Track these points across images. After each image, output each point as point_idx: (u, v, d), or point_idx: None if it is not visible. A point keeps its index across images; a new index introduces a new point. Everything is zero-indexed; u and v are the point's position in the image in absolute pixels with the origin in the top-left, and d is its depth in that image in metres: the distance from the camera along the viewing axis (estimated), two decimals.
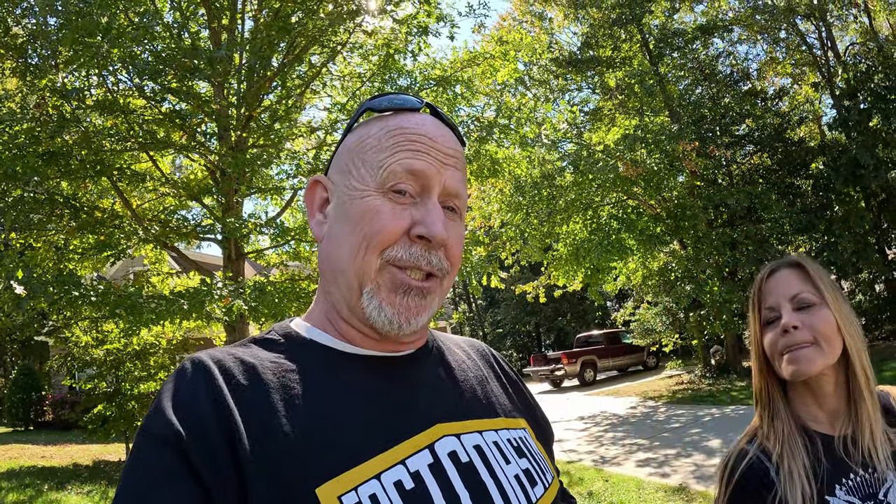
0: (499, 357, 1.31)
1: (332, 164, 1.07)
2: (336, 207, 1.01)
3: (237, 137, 9.12)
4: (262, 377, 0.91)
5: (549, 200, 15.82)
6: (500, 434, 1.05)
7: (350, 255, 0.96)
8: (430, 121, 1.03)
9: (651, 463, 9.24)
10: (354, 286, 0.97)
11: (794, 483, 1.40)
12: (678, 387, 18.10)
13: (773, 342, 1.53)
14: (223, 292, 7.73)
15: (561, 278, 18.20)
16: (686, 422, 12.26)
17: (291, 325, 1.05)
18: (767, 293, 1.58)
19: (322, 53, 10.31)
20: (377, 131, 1.00)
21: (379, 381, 0.98)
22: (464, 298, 48.39)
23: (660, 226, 16.45)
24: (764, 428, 1.57)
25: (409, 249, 0.95)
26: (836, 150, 18.81)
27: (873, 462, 1.44)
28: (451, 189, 1.00)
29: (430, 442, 0.94)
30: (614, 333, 26.38)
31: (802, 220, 17.38)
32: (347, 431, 0.88)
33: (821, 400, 1.54)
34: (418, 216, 0.96)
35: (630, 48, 18.70)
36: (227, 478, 0.80)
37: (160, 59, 8.01)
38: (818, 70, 22.15)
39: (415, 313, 0.97)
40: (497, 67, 12.00)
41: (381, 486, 0.85)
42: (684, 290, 16.11)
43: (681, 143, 15.32)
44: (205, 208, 10.26)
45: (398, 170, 0.96)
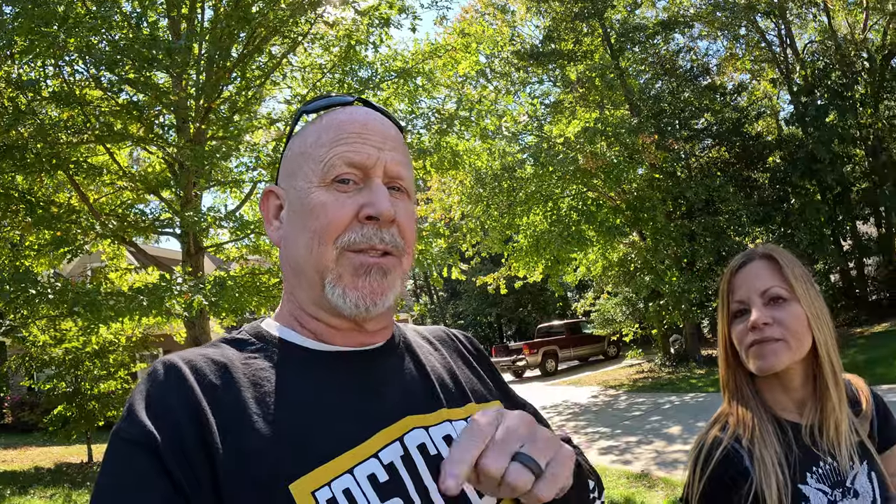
0: (465, 339, 1.33)
1: (280, 171, 1.10)
2: (288, 210, 1.04)
3: (196, 129, 9.01)
4: (234, 376, 0.92)
5: (509, 192, 15.89)
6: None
7: (305, 252, 0.99)
8: (363, 111, 1.06)
9: (613, 450, 9.35)
10: (316, 280, 0.99)
11: (769, 472, 1.42)
12: (638, 375, 18.32)
13: (741, 336, 1.54)
14: (183, 288, 7.62)
15: (521, 269, 18.27)
16: (647, 409, 12.43)
17: (262, 325, 1.06)
18: (738, 285, 1.58)
19: (283, 44, 10.20)
20: (314, 130, 1.04)
21: (349, 376, 0.99)
22: (425, 290, 48.20)
23: (619, 217, 16.60)
24: (735, 416, 1.56)
25: (361, 231, 0.97)
26: (792, 144, 19.13)
27: (837, 451, 1.46)
28: (393, 171, 1.03)
29: (400, 434, 0.95)
30: (575, 324, 26.63)
31: (759, 212, 17.67)
32: (319, 427, 0.90)
33: (789, 390, 1.55)
34: (364, 200, 0.98)
35: (592, 42, 18.73)
36: (202, 479, 0.80)
37: (118, 49, 7.82)
38: (777, 66, 22.47)
39: (379, 293, 0.99)
40: (458, 59, 11.96)
41: (354, 480, 0.87)
42: (643, 281, 16.27)
43: (640, 136, 15.45)
44: (163, 202, 10.09)
45: (337, 162, 0.99)
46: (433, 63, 11.50)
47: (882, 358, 11.64)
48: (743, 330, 1.52)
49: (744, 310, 1.54)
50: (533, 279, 19.15)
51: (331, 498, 0.83)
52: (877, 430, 1.59)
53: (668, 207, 16.95)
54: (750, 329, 1.49)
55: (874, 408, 1.62)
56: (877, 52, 20.63)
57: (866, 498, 1.44)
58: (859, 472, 1.47)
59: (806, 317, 1.49)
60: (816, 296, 1.54)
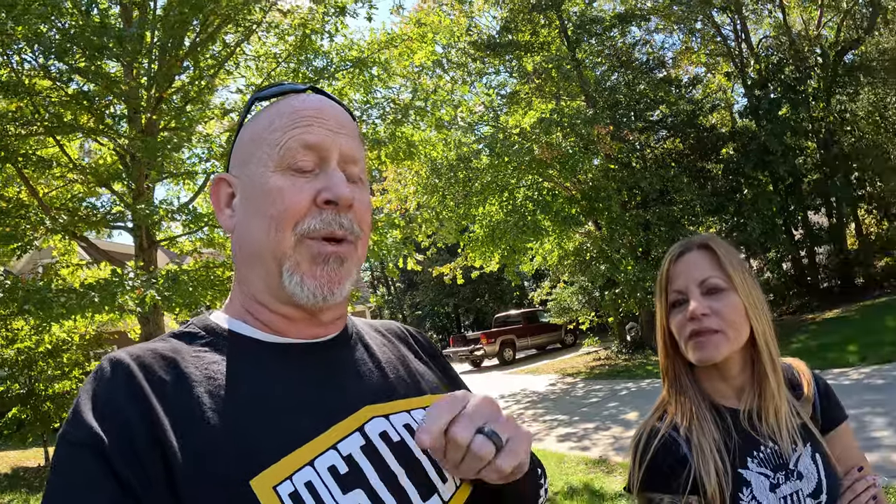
0: (416, 334, 1.34)
1: (231, 160, 1.09)
2: (242, 198, 1.04)
3: (147, 120, 8.82)
4: (185, 371, 0.91)
5: (465, 183, 15.91)
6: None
7: (262, 238, 0.98)
8: (317, 97, 1.08)
9: (571, 437, 9.41)
10: (273, 267, 0.99)
11: (707, 458, 1.43)
12: (595, 363, 18.46)
13: (680, 326, 1.55)
14: (135, 283, 7.46)
15: (477, 259, 18.32)
16: (604, 396, 12.53)
17: (210, 317, 1.05)
18: (676, 275, 1.58)
19: (237, 33, 10.03)
20: (268, 115, 1.04)
21: (303, 367, 1.00)
22: (382, 282, 47.91)
23: (575, 207, 16.67)
24: (673, 405, 1.58)
25: (320, 217, 0.98)
26: (746, 136, 19.29)
27: (777, 435, 1.48)
28: (348, 155, 1.04)
29: (359, 424, 0.96)
30: (532, 313, 26.73)
31: (713, 202, 17.87)
32: (276, 421, 0.89)
33: (727, 378, 1.57)
34: (321, 185, 0.99)
35: (549, 34, 18.74)
36: (155, 480, 0.79)
37: (68, 37, 7.57)
38: (731, 60, 22.63)
39: (336, 282, 1.00)
40: (415, 49, 11.91)
41: (315, 472, 0.87)
42: (599, 270, 16.38)
43: (596, 127, 15.49)
44: (114, 195, 9.87)
45: (293, 145, 0.99)
46: (389, 53, 11.42)
47: (833, 343, 11.89)
48: (682, 320, 1.54)
49: (682, 300, 1.56)
50: (489, 269, 19.20)
51: (293, 492, 0.84)
52: (819, 412, 1.62)
53: (623, 197, 17.06)
54: (688, 319, 1.51)
55: (816, 390, 1.64)
56: (830, 48, 20.96)
57: (811, 479, 1.47)
58: (802, 454, 1.49)
59: (743, 306, 1.52)
60: (754, 285, 1.57)
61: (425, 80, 13.39)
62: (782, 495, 1.45)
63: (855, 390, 8.25)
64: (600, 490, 6.59)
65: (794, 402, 1.58)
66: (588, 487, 6.75)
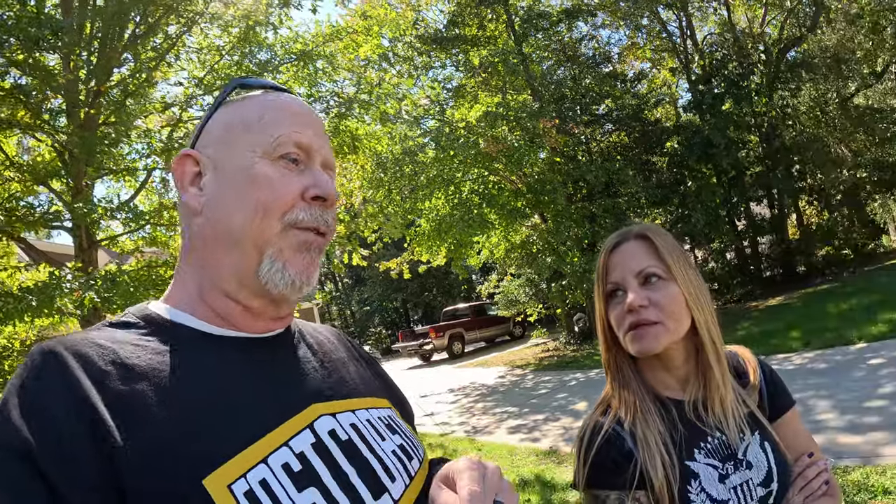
0: (352, 341, 1.33)
1: (202, 137, 1.06)
2: (218, 179, 1.01)
3: (86, 115, 8.48)
4: (127, 363, 0.86)
5: (411, 177, 15.81)
6: (370, 412, 1.06)
7: (245, 223, 0.97)
8: (304, 103, 1.10)
9: (522, 429, 9.38)
10: (251, 253, 0.97)
11: (652, 452, 1.39)
12: (544, 354, 18.51)
13: (619, 318, 1.50)
14: (73, 285, 7.18)
15: (424, 254, 18.25)
16: (553, 387, 12.52)
17: (149, 307, 1.01)
18: (612, 266, 1.54)
19: (178, 23, 9.73)
20: (258, 105, 1.05)
21: (251, 362, 0.97)
22: (329, 277, 47.77)
23: (521, 200, 16.68)
24: (616, 399, 1.53)
25: (308, 211, 1.00)
26: (690, 130, 19.59)
27: (724, 425, 1.45)
28: (329, 161, 1.08)
29: (308, 422, 0.93)
30: (480, 306, 26.87)
31: (658, 194, 18.18)
32: (227, 416, 0.86)
33: (671, 369, 1.54)
34: (308, 181, 1.01)
35: (496, 28, 18.82)
36: (93, 485, 0.74)
37: (5, 28, 7.20)
38: (677, 56, 23.04)
39: (312, 270, 1.02)
40: (360, 43, 11.85)
41: (269, 470, 0.83)
42: (546, 262, 16.39)
43: (541, 120, 15.51)
44: (53, 193, 9.47)
45: (286, 140, 1.00)
46: (334, 46, 11.30)
47: (777, 330, 12.03)
48: (620, 312, 1.50)
49: (619, 291, 1.51)
50: (436, 263, 19.15)
51: (248, 490, 0.79)
52: (767, 400, 1.59)
53: (568, 190, 17.14)
54: (627, 312, 1.47)
55: (762, 378, 1.61)
56: (773, 45, 21.48)
57: (761, 468, 1.44)
58: (751, 443, 1.47)
59: (683, 296, 1.47)
60: (694, 274, 1.52)
61: (370, 73, 13.27)
62: (732, 486, 1.41)
63: (799, 375, 8.36)
64: (551, 481, 6.57)
65: (740, 390, 1.55)
66: (539, 478, 6.72)
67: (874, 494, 4.36)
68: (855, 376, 7.57)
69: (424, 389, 16.35)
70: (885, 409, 6.08)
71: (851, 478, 4.72)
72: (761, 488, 1.43)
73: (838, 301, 13.24)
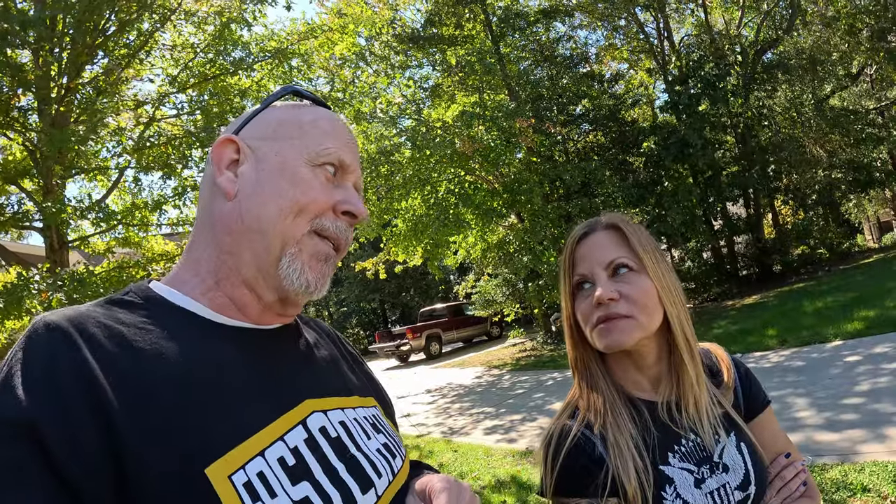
0: (342, 338, 1.35)
1: (248, 128, 1.08)
2: (258, 169, 1.02)
3: (56, 112, 8.29)
4: (134, 346, 0.85)
5: (387, 177, 15.76)
6: (357, 411, 1.08)
7: (276, 217, 0.99)
8: (345, 119, 1.12)
9: (498, 430, 9.33)
10: (275, 248, 0.99)
11: (625, 456, 1.30)
12: (521, 354, 18.53)
13: (586, 312, 1.41)
14: (41, 286, 7.02)
15: (401, 254, 18.18)
16: (530, 387, 12.51)
17: (152, 287, 1.00)
18: (580, 258, 1.43)
19: (151, 20, 9.59)
20: (312, 113, 1.10)
21: (254, 353, 0.98)
22: None
23: (497, 200, 16.61)
24: (585, 400, 1.45)
25: (335, 223, 1.04)
26: (666, 130, 19.76)
27: (698, 426, 1.38)
28: (360, 185, 1.13)
29: (302, 418, 0.94)
30: (457, 306, 26.85)
31: (634, 193, 18.25)
32: (228, 407, 0.86)
33: (642, 368, 1.45)
34: (341, 196, 1.05)
35: (473, 27, 18.82)
36: (97, 467, 0.72)
37: None
38: (654, 57, 23.21)
39: (323, 280, 1.05)
40: (335, 41, 11.81)
41: (266, 463, 0.84)
42: (522, 262, 16.36)
43: (518, 120, 15.47)
44: (24, 193, 9.31)
45: (334, 154, 1.05)
46: (309, 44, 11.23)
47: (753, 328, 12.12)
48: (587, 306, 1.40)
49: (587, 284, 1.42)
50: (413, 263, 19.10)
51: (247, 482, 0.80)
52: (742, 399, 1.52)
53: (545, 190, 17.14)
54: (595, 305, 1.37)
55: (736, 376, 1.54)
56: (749, 46, 21.77)
57: (737, 471, 1.37)
58: (726, 445, 1.40)
59: (655, 289, 1.38)
60: (666, 267, 1.43)
61: (343, 72, 13.18)
62: (708, 490, 1.33)
63: (776, 372, 8.38)
64: (528, 482, 6.50)
65: (713, 390, 1.48)
66: (515, 480, 6.66)
67: (853, 492, 4.32)
68: (831, 374, 7.58)
69: (401, 390, 16.29)
70: (861, 407, 6.07)
71: (830, 475, 4.69)
72: (739, 492, 1.36)
73: (814, 299, 13.34)
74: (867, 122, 21.52)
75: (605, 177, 17.41)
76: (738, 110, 20.57)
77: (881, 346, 8.15)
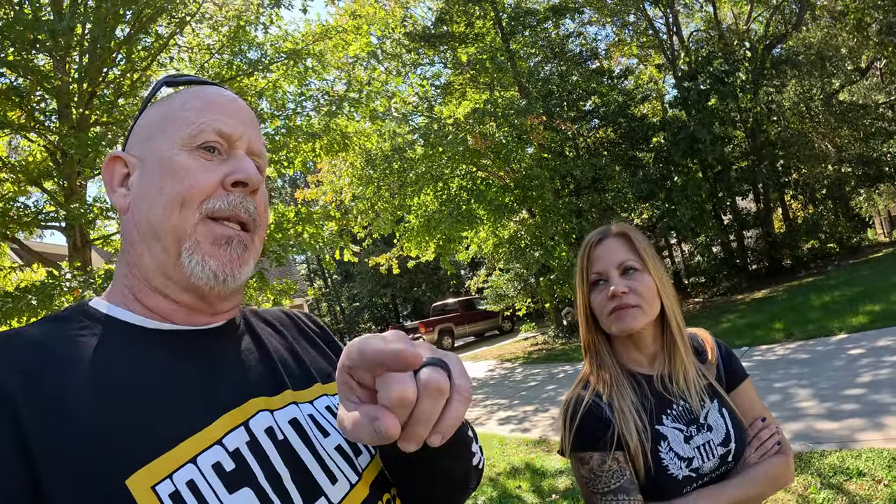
0: (306, 317, 1.30)
1: (130, 139, 1.05)
2: (141, 175, 0.99)
3: (79, 115, 8.37)
4: (54, 357, 0.83)
5: (400, 173, 15.81)
6: (315, 404, 1.04)
7: (163, 216, 0.94)
8: (229, 92, 1.08)
9: (512, 420, 9.43)
10: (171, 247, 0.95)
11: (627, 418, 1.62)
12: (533, 347, 18.54)
13: (601, 303, 1.73)
14: (72, 284, 7.00)
15: (413, 249, 18.25)
16: (542, 379, 12.55)
17: (88, 303, 0.98)
18: (595, 259, 1.76)
19: (170, 24, 9.69)
20: (181, 97, 1.03)
21: (187, 356, 0.94)
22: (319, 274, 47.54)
23: (508, 196, 16.67)
24: (594, 375, 1.76)
25: (226, 199, 0.97)
26: (675, 126, 19.67)
27: (687, 394, 1.69)
28: (256, 149, 1.05)
29: (245, 419, 0.90)
30: (469, 300, 26.77)
31: (644, 189, 18.23)
32: (155, 413, 0.82)
33: (642, 348, 1.77)
34: (229, 168, 0.98)
35: (483, 25, 18.81)
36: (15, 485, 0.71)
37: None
38: (663, 53, 23.07)
39: (238, 265, 0.98)
40: (349, 41, 11.86)
41: (198, 470, 0.80)
42: (534, 257, 16.42)
43: (529, 116, 15.54)
44: (46, 193, 9.29)
45: (206, 129, 0.98)
46: (324, 45, 11.27)
47: (761, 322, 12.14)
48: (603, 298, 1.72)
49: (602, 280, 1.74)
50: (425, 258, 19.09)
51: (174, 492, 0.77)
52: (724, 373, 1.82)
53: (556, 185, 17.14)
54: (610, 297, 1.70)
55: (719, 355, 1.86)
56: (758, 41, 21.62)
57: (720, 430, 1.68)
58: (711, 409, 1.70)
59: (655, 285, 1.72)
60: (664, 268, 1.79)
61: (359, 71, 13.28)
62: (696, 445, 1.65)
63: (781, 365, 8.47)
64: (541, 468, 6.69)
65: (699, 365, 1.80)
66: (529, 466, 6.85)
67: (849, 476, 4.53)
68: (835, 366, 7.71)
69: None
70: (862, 398, 6.23)
71: (828, 461, 4.89)
72: (721, 447, 1.67)
73: (822, 293, 13.39)
74: (876, 116, 21.52)
75: (615, 172, 17.53)
76: (747, 105, 20.53)
77: (884, 339, 8.25)
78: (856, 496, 4.26)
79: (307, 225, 9.54)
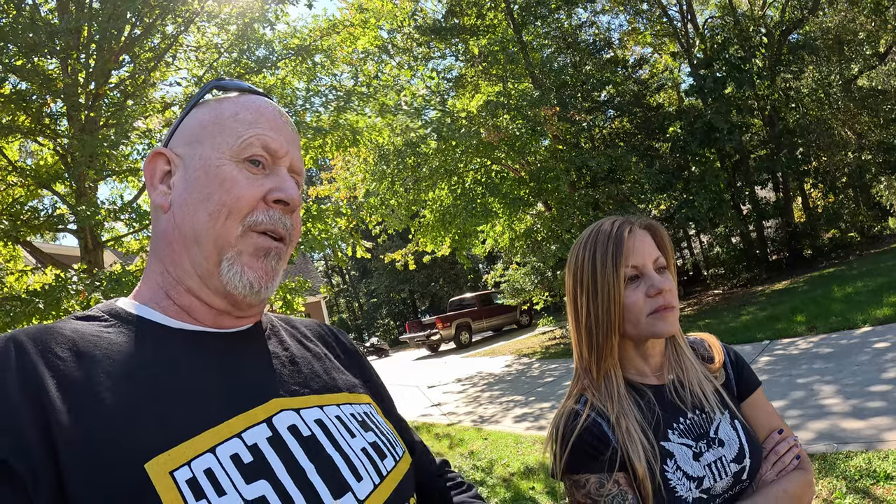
0: (338, 334, 1.34)
1: (175, 136, 1.07)
2: (186, 177, 1.02)
3: (86, 117, 8.42)
4: (83, 350, 0.86)
5: (413, 168, 15.78)
6: (342, 408, 1.06)
7: (208, 223, 0.98)
8: (277, 107, 1.11)
9: (528, 418, 9.35)
10: (211, 254, 0.98)
11: (633, 439, 1.43)
12: (551, 342, 18.53)
13: (638, 301, 1.51)
14: (79, 286, 7.10)
15: (429, 244, 18.23)
16: (559, 375, 12.46)
17: (117, 303, 1.02)
18: (632, 250, 1.54)
19: (175, 23, 9.63)
20: (232, 106, 1.06)
21: (210, 355, 0.97)
22: (336, 271, 47.97)
23: (524, 189, 16.61)
24: (594, 387, 1.56)
25: (267, 213, 1.01)
26: (692, 114, 19.61)
27: (702, 403, 1.52)
28: (297, 167, 1.09)
29: (267, 416, 0.93)
30: (486, 295, 26.82)
31: (661, 179, 18.05)
32: (177, 404, 0.85)
33: (648, 357, 1.59)
34: (272, 184, 1.02)
35: (494, 16, 18.72)
36: (41, 463, 0.74)
37: (3, 34, 7.18)
38: (678, 41, 22.92)
39: (271, 277, 1.03)
40: (358, 35, 11.83)
41: (216, 459, 0.82)
42: (550, 250, 16.31)
43: (542, 108, 15.43)
44: (56, 196, 9.40)
45: (255, 142, 1.02)
46: (331, 40, 11.25)
47: (782, 314, 11.99)
48: (641, 296, 1.51)
49: (638, 276, 1.53)
50: (441, 253, 19.08)
51: (191, 478, 0.79)
52: (734, 382, 1.66)
53: (571, 177, 17.01)
54: (652, 295, 1.50)
55: (728, 361, 1.69)
56: (775, 27, 21.47)
57: (733, 445, 1.50)
58: (721, 421, 1.53)
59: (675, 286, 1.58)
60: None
61: (366, 66, 13.20)
62: (706, 463, 1.46)
63: (803, 359, 8.29)
64: None
65: (707, 373, 1.63)
66: (544, 466, 6.69)
67: (876, 480, 4.36)
68: (859, 360, 7.52)
69: (432, 380, 16.37)
70: (889, 394, 6.06)
71: (854, 463, 4.72)
72: (734, 464, 1.48)
73: (844, 284, 13.23)
74: None
75: (632, 163, 17.34)
76: (764, 93, 20.39)
77: None
78: (884, 501, 4.09)
79: (317, 222, 9.48)
